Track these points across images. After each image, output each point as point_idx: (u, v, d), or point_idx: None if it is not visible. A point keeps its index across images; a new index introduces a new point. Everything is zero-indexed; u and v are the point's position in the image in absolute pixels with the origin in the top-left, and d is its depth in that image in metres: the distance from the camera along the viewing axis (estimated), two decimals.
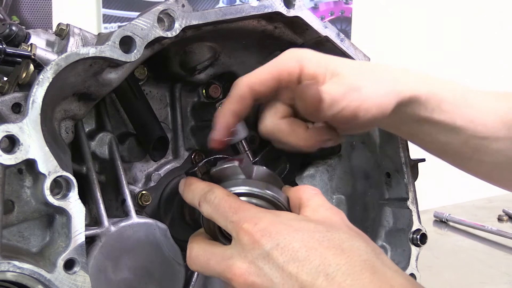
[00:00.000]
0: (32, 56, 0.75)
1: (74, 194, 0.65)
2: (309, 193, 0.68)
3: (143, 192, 0.88)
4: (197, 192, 0.69)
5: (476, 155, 0.78)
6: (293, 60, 0.70)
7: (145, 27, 0.70)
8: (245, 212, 0.63)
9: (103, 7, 1.76)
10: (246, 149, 0.93)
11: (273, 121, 0.71)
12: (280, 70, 0.70)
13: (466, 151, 0.78)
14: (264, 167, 0.71)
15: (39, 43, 0.80)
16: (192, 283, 0.88)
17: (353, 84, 0.68)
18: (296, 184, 1.03)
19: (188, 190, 0.72)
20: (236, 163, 0.70)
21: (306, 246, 0.59)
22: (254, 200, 0.67)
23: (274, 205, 0.68)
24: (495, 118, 0.76)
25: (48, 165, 0.63)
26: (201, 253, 0.66)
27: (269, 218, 0.62)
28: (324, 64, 0.70)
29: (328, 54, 0.73)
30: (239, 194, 0.68)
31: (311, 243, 0.59)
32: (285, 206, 0.69)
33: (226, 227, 0.64)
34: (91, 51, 0.67)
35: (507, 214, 1.88)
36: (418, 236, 0.92)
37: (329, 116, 0.68)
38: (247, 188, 0.68)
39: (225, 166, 0.71)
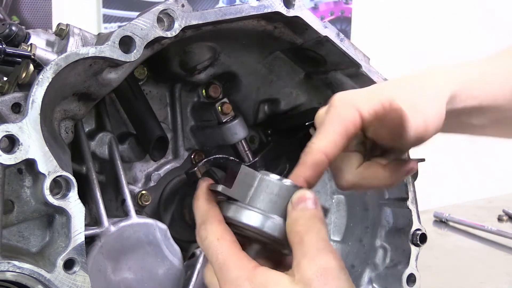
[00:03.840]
0: (32, 56, 0.75)
1: (73, 194, 0.65)
2: (307, 247, 0.61)
3: (143, 192, 0.88)
4: (197, 213, 0.68)
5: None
6: (351, 109, 0.68)
7: (144, 27, 0.70)
8: (229, 272, 0.61)
9: (103, 7, 1.77)
10: (246, 149, 0.94)
11: (353, 173, 0.71)
12: (345, 126, 0.67)
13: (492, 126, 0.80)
14: (270, 180, 0.62)
15: (39, 43, 0.80)
16: (192, 283, 0.88)
17: (414, 105, 0.68)
18: None
19: (195, 204, 0.69)
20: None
21: None
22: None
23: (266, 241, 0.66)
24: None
25: (48, 165, 0.63)
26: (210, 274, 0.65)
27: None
28: (377, 99, 0.69)
29: (367, 84, 0.73)
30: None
31: None
32: (280, 239, 0.64)
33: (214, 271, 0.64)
34: (91, 51, 0.67)
35: (507, 214, 1.88)
36: (418, 236, 0.91)
37: (410, 137, 0.67)
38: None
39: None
